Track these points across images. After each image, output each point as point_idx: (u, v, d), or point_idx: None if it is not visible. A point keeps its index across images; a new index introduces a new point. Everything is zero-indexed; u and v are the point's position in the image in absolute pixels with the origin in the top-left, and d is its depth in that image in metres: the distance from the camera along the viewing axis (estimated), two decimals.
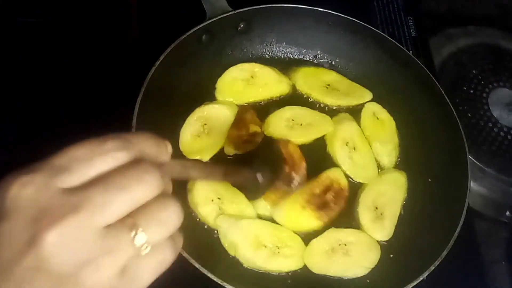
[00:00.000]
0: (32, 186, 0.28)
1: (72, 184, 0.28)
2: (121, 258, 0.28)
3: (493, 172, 0.75)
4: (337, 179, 0.65)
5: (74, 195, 0.28)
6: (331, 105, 0.73)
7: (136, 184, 0.29)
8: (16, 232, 0.27)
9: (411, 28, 0.86)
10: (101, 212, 0.28)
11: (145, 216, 0.29)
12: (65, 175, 0.28)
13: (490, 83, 0.82)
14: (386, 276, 0.60)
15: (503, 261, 0.71)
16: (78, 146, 0.30)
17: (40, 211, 0.27)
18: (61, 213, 0.27)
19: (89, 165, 0.29)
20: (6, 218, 0.27)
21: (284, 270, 0.59)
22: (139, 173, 0.29)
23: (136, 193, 0.29)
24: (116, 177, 0.29)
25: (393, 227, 0.64)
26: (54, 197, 0.28)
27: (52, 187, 0.28)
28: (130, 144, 0.30)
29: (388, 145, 0.71)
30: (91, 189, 0.28)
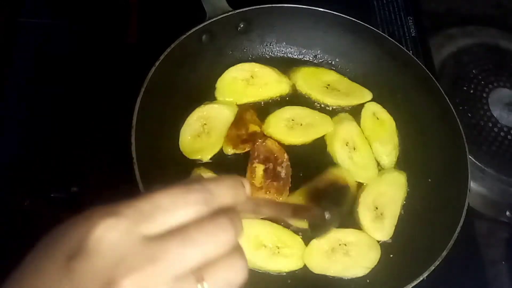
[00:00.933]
0: (117, 232, 0.28)
1: (153, 233, 0.29)
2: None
3: (493, 172, 0.75)
4: (337, 177, 0.65)
5: (152, 245, 0.29)
6: (331, 105, 0.73)
7: (211, 241, 0.30)
8: (94, 274, 0.28)
9: (411, 28, 0.86)
10: (175, 265, 0.29)
11: (211, 272, 0.30)
12: (148, 223, 0.29)
13: (490, 83, 0.82)
14: (386, 276, 0.60)
15: (503, 261, 0.71)
16: (162, 194, 0.31)
17: (121, 257, 0.28)
18: (139, 263, 0.28)
19: (172, 215, 0.30)
20: (86, 257, 0.28)
21: (284, 270, 0.59)
22: (216, 230, 0.30)
23: (210, 249, 0.30)
24: (194, 231, 0.30)
25: (393, 227, 0.64)
26: (135, 245, 0.28)
27: (135, 234, 0.29)
28: (211, 197, 0.32)
29: (388, 145, 0.71)
30: (169, 241, 0.29)
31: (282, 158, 0.65)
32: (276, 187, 0.62)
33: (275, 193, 0.62)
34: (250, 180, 0.63)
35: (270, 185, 0.62)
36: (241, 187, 0.34)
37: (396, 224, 0.64)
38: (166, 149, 0.64)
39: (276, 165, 0.64)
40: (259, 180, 0.63)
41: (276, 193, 0.62)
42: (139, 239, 0.29)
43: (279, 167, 0.64)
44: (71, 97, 0.70)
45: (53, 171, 0.63)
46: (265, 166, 0.64)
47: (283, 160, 0.64)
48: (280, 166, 0.64)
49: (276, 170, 0.63)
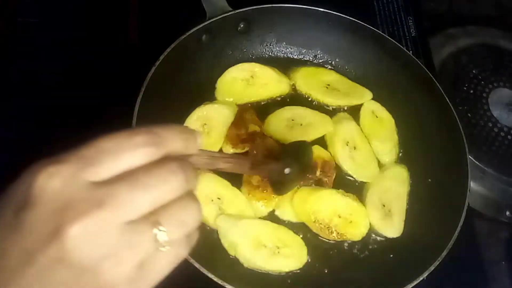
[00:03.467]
0: (59, 178, 0.28)
1: (99, 178, 0.28)
2: (141, 253, 0.29)
3: (493, 172, 0.75)
4: (318, 155, 0.66)
5: (99, 189, 0.28)
6: (331, 105, 0.73)
7: (161, 184, 0.29)
8: (41, 222, 0.27)
9: (411, 28, 0.86)
10: (125, 209, 0.28)
11: (167, 215, 0.30)
12: (92, 168, 0.28)
13: (490, 83, 0.82)
14: (386, 276, 0.60)
15: (503, 261, 0.71)
16: (107, 138, 0.29)
17: (66, 203, 0.27)
18: (86, 208, 0.27)
19: (117, 159, 0.29)
20: (31, 207, 0.28)
21: (284, 270, 0.59)
22: (165, 174, 0.30)
23: (160, 193, 0.29)
24: (142, 175, 0.29)
25: (402, 223, 0.64)
26: (80, 190, 0.28)
27: (78, 179, 0.28)
28: (159, 139, 0.30)
29: (387, 143, 0.71)
30: (117, 185, 0.28)
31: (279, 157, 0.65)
32: None
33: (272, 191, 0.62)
34: (247, 179, 0.63)
35: (267, 184, 0.62)
36: (191, 135, 0.33)
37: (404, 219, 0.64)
38: None
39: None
40: (257, 179, 0.63)
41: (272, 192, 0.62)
42: (84, 184, 0.28)
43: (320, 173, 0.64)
44: (71, 97, 0.70)
45: None
46: None
47: None
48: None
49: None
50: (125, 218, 0.28)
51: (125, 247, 0.28)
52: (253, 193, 0.62)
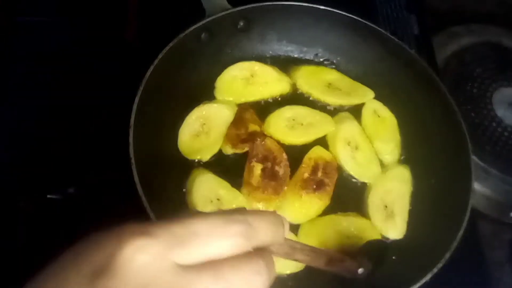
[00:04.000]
0: (147, 254, 0.27)
1: (185, 261, 0.28)
2: None
3: (497, 173, 0.75)
4: (320, 156, 0.65)
5: (184, 277, 0.27)
6: (332, 104, 0.72)
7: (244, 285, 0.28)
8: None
9: (413, 26, 0.85)
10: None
11: None
12: (181, 250, 0.28)
13: (494, 82, 0.81)
14: (389, 278, 0.59)
15: (507, 263, 0.70)
16: (200, 219, 0.29)
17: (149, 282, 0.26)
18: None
19: (208, 244, 0.28)
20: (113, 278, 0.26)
21: (285, 272, 0.58)
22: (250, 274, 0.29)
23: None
24: (228, 270, 0.28)
25: (405, 224, 0.63)
26: (166, 273, 0.27)
27: (166, 259, 0.27)
28: (252, 232, 0.30)
29: (390, 143, 0.70)
30: (201, 276, 0.27)
31: (280, 157, 0.64)
32: (273, 186, 0.62)
33: (272, 192, 0.62)
34: (247, 179, 0.62)
35: (267, 184, 0.62)
36: (281, 226, 0.32)
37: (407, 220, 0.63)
38: (165, 149, 0.64)
39: (275, 165, 0.64)
40: (257, 179, 0.62)
41: (273, 193, 0.62)
42: (169, 265, 0.27)
43: (277, 167, 0.63)
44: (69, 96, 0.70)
45: (50, 172, 0.63)
46: (263, 166, 0.63)
47: (281, 160, 0.64)
48: (278, 165, 0.63)
49: (274, 170, 0.63)
50: None
51: None
52: (253, 194, 0.61)
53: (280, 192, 0.62)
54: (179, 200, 0.61)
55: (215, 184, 0.61)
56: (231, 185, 0.62)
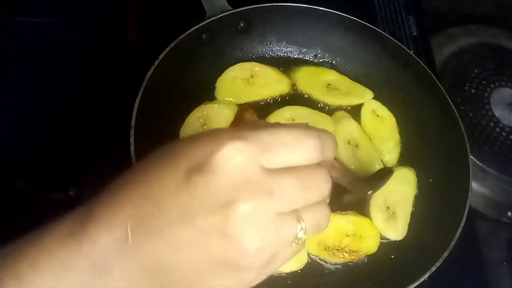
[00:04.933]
0: (243, 155, 0.29)
1: (272, 165, 0.30)
2: (282, 244, 0.31)
3: (494, 172, 0.75)
4: None
5: (272, 178, 0.30)
6: (331, 104, 0.73)
7: (316, 188, 0.32)
8: (214, 191, 0.28)
9: (412, 27, 0.86)
10: (287, 202, 0.30)
11: (311, 215, 0.32)
12: (270, 155, 0.30)
13: (491, 83, 0.82)
14: (387, 277, 0.59)
15: (504, 262, 0.71)
16: (287, 130, 0.32)
17: (243, 181, 0.29)
18: (259, 191, 0.29)
19: (292, 153, 0.31)
20: (211, 173, 0.29)
21: (284, 270, 0.59)
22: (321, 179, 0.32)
23: (313, 195, 0.32)
24: (306, 175, 0.32)
25: (406, 225, 0.63)
26: (257, 173, 0.29)
27: (257, 162, 0.30)
28: (323, 147, 0.33)
29: (389, 142, 0.70)
30: (286, 179, 0.30)
31: None
32: None
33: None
34: None
35: None
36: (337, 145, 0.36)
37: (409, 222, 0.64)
38: None
39: None
40: None
41: None
42: (260, 168, 0.30)
43: None
44: (69, 97, 0.70)
45: (51, 172, 0.63)
46: None
47: None
48: None
49: None
50: (281, 209, 0.30)
51: (274, 235, 0.30)
52: None
53: None
54: None
55: None
56: None
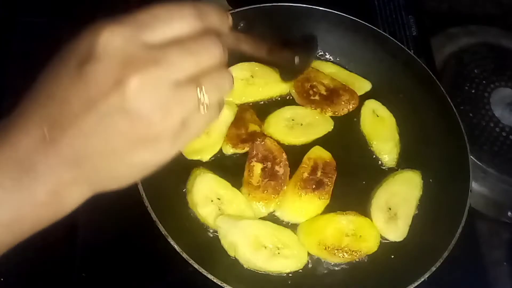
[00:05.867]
0: (121, 36, 0.31)
1: (153, 40, 0.32)
2: (186, 109, 0.33)
3: (494, 173, 0.75)
4: (319, 156, 0.66)
5: (155, 50, 0.32)
6: None
7: (205, 51, 0.34)
8: (104, 73, 0.31)
9: (412, 27, 0.86)
10: (175, 69, 0.32)
11: (208, 79, 0.34)
12: (148, 31, 0.32)
13: (491, 83, 0.82)
14: (387, 277, 0.59)
15: (504, 262, 0.71)
16: (159, 7, 0.33)
17: (127, 58, 0.31)
18: (145, 63, 0.31)
19: (169, 25, 0.33)
20: (95, 60, 0.31)
21: (285, 271, 0.59)
22: (208, 43, 0.34)
23: (204, 59, 0.34)
24: (189, 42, 0.33)
25: (407, 227, 0.63)
26: (139, 49, 0.31)
27: (137, 39, 0.31)
28: (202, 14, 0.34)
29: (388, 142, 0.70)
30: (169, 48, 0.32)
31: (280, 157, 0.65)
32: (273, 186, 0.62)
33: (272, 192, 0.62)
34: (247, 179, 0.63)
35: (267, 184, 0.62)
36: (226, 16, 0.37)
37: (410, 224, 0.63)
38: None
39: (274, 165, 0.64)
40: (257, 179, 0.62)
41: (272, 192, 0.62)
42: (142, 44, 0.31)
43: (277, 167, 0.64)
44: None
45: None
46: (263, 165, 0.64)
47: (281, 160, 0.64)
48: (278, 165, 0.64)
49: (274, 169, 0.63)
50: (175, 77, 0.32)
51: (174, 102, 0.32)
52: (253, 193, 0.62)
53: (280, 191, 0.63)
54: (179, 200, 0.61)
55: (215, 184, 0.61)
56: (231, 185, 0.62)
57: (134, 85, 0.30)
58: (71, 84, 0.31)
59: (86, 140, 0.31)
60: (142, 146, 0.32)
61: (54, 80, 0.33)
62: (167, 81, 0.32)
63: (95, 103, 0.31)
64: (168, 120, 0.32)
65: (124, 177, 0.35)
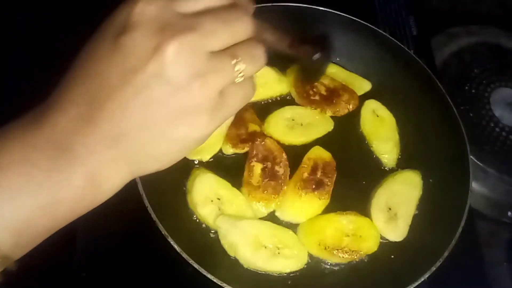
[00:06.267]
0: (155, 5, 0.32)
1: (187, 10, 0.33)
2: (223, 79, 0.33)
3: (495, 173, 0.75)
4: (319, 156, 0.66)
5: (189, 18, 0.32)
6: None
7: (238, 22, 0.34)
8: (142, 41, 0.31)
9: (412, 27, 0.86)
10: (211, 37, 0.32)
11: (243, 51, 0.34)
12: (182, 1, 0.33)
13: (492, 83, 0.82)
14: (387, 277, 0.59)
15: (505, 262, 0.71)
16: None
17: (163, 25, 0.31)
18: (181, 30, 0.31)
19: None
20: (133, 29, 0.31)
21: (285, 271, 0.59)
22: (239, 14, 0.35)
23: (237, 29, 0.34)
24: (222, 13, 0.34)
25: (407, 227, 0.63)
26: (174, 17, 0.32)
27: (171, 9, 0.32)
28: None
29: (389, 142, 0.70)
30: (203, 17, 0.33)
31: (280, 157, 0.65)
32: (273, 186, 0.62)
33: (272, 192, 0.62)
34: (247, 179, 0.63)
35: (267, 184, 0.62)
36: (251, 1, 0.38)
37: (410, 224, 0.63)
38: None
39: (274, 165, 0.64)
40: (257, 179, 0.62)
41: (272, 192, 0.62)
42: (176, 13, 0.32)
43: (277, 167, 0.64)
44: None
45: None
46: (263, 165, 0.64)
47: (281, 160, 0.64)
48: (278, 165, 0.64)
49: (274, 170, 0.63)
50: (211, 45, 0.32)
51: (211, 71, 0.32)
52: (253, 193, 0.62)
53: (280, 191, 0.63)
54: (179, 200, 0.61)
55: (215, 184, 0.61)
56: (231, 185, 0.62)
57: (172, 50, 0.30)
58: (108, 57, 0.32)
59: (125, 113, 0.31)
60: (182, 119, 0.32)
61: (91, 56, 0.33)
62: (204, 48, 0.32)
63: (133, 73, 0.31)
64: (206, 88, 0.32)
65: (164, 155, 0.34)
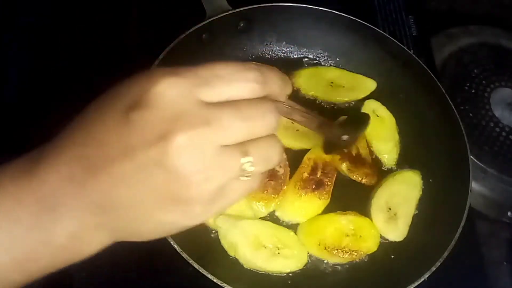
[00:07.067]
0: (177, 89, 0.30)
1: (209, 99, 0.31)
2: (227, 176, 0.31)
3: (494, 173, 0.75)
4: (319, 156, 0.66)
5: (208, 109, 0.30)
6: (339, 102, 0.73)
7: (259, 119, 0.32)
8: (151, 124, 0.29)
9: (412, 27, 0.86)
10: (225, 133, 0.30)
11: (256, 148, 0.32)
12: (206, 88, 0.31)
13: (491, 83, 0.82)
14: (387, 277, 0.59)
15: (504, 262, 0.71)
16: (223, 64, 0.32)
17: (179, 113, 0.29)
18: (196, 122, 0.29)
19: (228, 86, 0.32)
20: (145, 108, 0.29)
21: (285, 271, 0.59)
22: (263, 111, 0.32)
23: (256, 126, 0.32)
24: (245, 107, 0.32)
25: (407, 227, 0.63)
26: (193, 106, 0.30)
27: (193, 95, 0.30)
28: (265, 80, 0.33)
29: (388, 142, 0.70)
30: (223, 110, 0.31)
31: None
32: (273, 186, 0.62)
33: (272, 192, 0.62)
34: None
35: (267, 184, 0.62)
36: (288, 82, 0.36)
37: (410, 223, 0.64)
38: None
39: None
40: None
41: (272, 192, 0.62)
42: (196, 101, 0.30)
43: (277, 167, 0.64)
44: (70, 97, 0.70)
45: None
46: None
47: (281, 160, 0.64)
48: (278, 165, 0.64)
49: (274, 170, 0.63)
50: (223, 141, 0.30)
51: (216, 166, 0.30)
52: (253, 193, 0.62)
53: (280, 191, 0.63)
54: None
55: None
56: None
57: (179, 142, 0.29)
58: (114, 127, 0.30)
59: (117, 187, 0.30)
60: (173, 206, 0.30)
61: (96, 120, 0.31)
62: (213, 144, 0.30)
63: (134, 151, 0.29)
64: (206, 184, 0.30)
65: (147, 233, 0.33)
